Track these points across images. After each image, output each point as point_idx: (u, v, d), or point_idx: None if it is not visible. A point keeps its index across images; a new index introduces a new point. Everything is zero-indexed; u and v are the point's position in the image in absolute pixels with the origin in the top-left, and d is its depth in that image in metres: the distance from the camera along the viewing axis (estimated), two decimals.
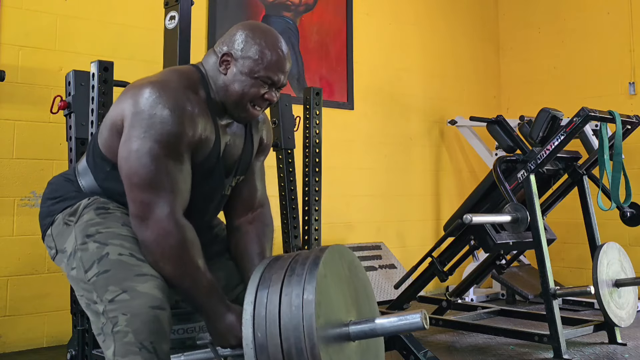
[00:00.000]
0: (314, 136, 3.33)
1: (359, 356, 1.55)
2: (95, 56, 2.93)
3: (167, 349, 1.52)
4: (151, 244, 1.57)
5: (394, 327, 1.49)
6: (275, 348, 1.39)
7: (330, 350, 1.42)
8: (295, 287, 1.41)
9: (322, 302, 1.41)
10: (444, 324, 3.54)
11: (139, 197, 1.58)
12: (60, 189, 1.76)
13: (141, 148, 1.57)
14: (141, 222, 1.58)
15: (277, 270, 1.48)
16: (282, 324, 1.39)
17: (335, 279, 1.52)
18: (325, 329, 1.41)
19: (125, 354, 1.47)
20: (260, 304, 1.43)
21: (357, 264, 1.65)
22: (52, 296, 3.36)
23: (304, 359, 1.37)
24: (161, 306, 1.51)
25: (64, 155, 3.04)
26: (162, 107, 1.58)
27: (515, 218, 3.17)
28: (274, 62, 1.69)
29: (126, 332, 1.47)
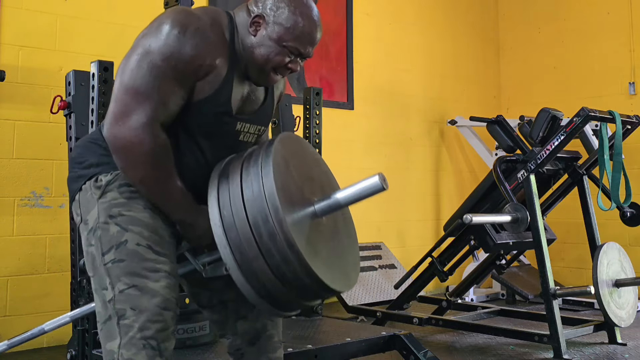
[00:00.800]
0: (314, 136, 3.33)
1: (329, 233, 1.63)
2: (95, 56, 2.93)
3: (171, 348, 1.52)
4: (120, 150, 1.53)
5: (355, 194, 1.58)
6: (241, 221, 1.46)
7: (298, 224, 1.48)
8: (253, 166, 1.49)
9: (281, 182, 1.47)
10: (444, 324, 3.54)
11: (122, 98, 1.54)
12: (86, 153, 1.69)
13: (144, 55, 1.54)
14: (115, 123, 1.53)
15: (236, 160, 1.57)
16: (245, 198, 1.47)
17: (294, 164, 1.58)
18: (289, 206, 1.47)
19: (129, 349, 1.47)
20: (222, 188, 1.51)
21: (316, 157, 1.74)
22: (52, 296, 3.36)
23: (270, 224, 1.43)
24: (169, 307, 1.51)
25: (64, 155, 3.05)
26: (179, 30, 1.55)
27: (515, 218, 3.17)
28: (305, 33, 1.66)
29: (132, 327, 1.47)
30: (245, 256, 1.46)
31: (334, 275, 1.55)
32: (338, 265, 1.62)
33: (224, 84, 1.63)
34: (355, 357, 2.69)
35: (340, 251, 1.67)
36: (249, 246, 1.45)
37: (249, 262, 1.46)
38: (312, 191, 1.61)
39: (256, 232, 1.44)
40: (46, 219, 3.41)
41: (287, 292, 1.50)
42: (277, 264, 1.45)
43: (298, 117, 3.37)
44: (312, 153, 1.75)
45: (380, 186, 1.54)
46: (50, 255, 3.41)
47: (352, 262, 1.71)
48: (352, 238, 1.78)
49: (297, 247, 1.42)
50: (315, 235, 1.55)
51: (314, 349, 2.53)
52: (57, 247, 3.40)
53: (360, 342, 2.68)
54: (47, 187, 3.43)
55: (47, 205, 3.42)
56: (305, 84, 4.53)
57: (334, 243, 1.65)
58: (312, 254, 1.48)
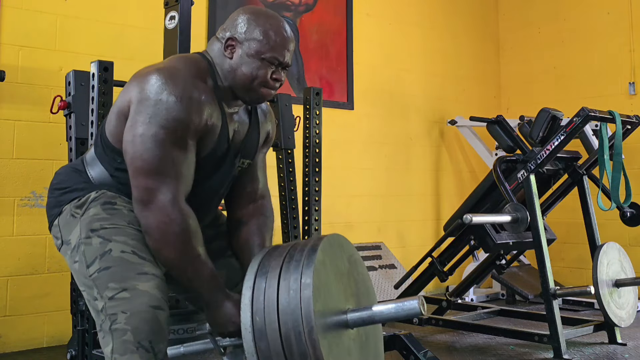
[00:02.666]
0: (314, 136, 3.33)
1: (358, 345, 1.55)
2: (95, 56, 2.93)
3: (164, 349, 1.53)
4: (153, 231, 1.57)
5: (392, 314, 1.50)
6: (273, 333, 1.39)
7: (329, 336, 1.42)
8: (294, 272, 1.42)
9: (319, 287, 1.41)
10: (444, 324, 3.54)
11: (142, 183, 1.58)
12: (68, 180, 1.75)
13: (146, 133, 1.57)
14: (144, 207, 1.58)
15: (275, 257, 1.49)
16: (280, 308, 1.40)
17: (334, 267, 1.52)
18: (323, 314, 1.42)
19: (123, 352, 1.47)
20: (258, 289, 1.44)
21: (356, 257, 1.66)
22: (52, 296, 3.36)
23: (302, 343, 1.37)
24: (161, 306, 1.51)
25: (64, 155, 3.05)
26: (168, 94, 1.58)
27: (515, 218, 3.17)
28: (280, 42, 1.70)
29: (125, 331, 1.47)
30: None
31: None
32: None
33: (222, 131, 1.70)
34: None
35: None
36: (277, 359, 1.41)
37: None
38: (346, 298, 1.54)
39: (287, 347, 1.40)
40: (46, 219, 3.41)
41: None
42: None
43: (298, 117, 3.37)
44: (353, 255, 1.67)
45: (419, 311, 1.48)
46: (50, 255, 3.41)
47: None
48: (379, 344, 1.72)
49: None
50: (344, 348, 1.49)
51: None
52: None
53: None
54: (47, 187, 3.40)
55: None
56: (305, 84, 4.53)
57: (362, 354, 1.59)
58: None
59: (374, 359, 1.66)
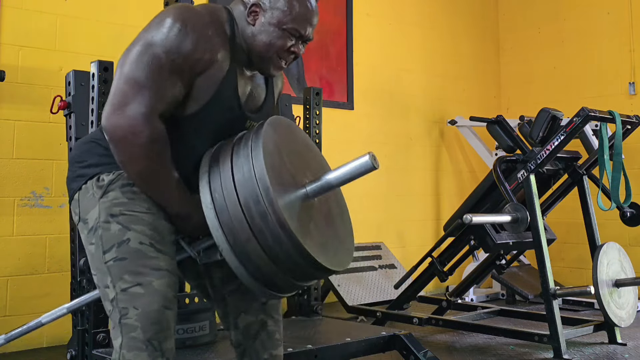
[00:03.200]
0: (314, 136, 3.33)
1: (322, 215, 1.63)
2: (95, 56, 2.93)
3: (172, 348, 1.53)
4: (120, 139, 1.54)
5: (345, 174, 1.57)
6: (232, 204, 1.47)
7: (288, 202, 1.49)
8: (244, 153, 1.50)
9: (272, 164, 1.48)
10: (444, 324, 3.54)
11: (123, 88, 1.55)
12: (87, 153, 1.70)
13: (146, 48, 1.56)
14: (113, 112, 1.54)
15: (225, 146, 1.57)
16: (236, 182, 1.48)
17: (282, 148, 1.58)
18: (279, 185, 1.48)
19: (130, 349, 1.47)
20: (213, 172, 1.52)
21: (303, 136, 1.73)
22: (52, 296, 3.36)
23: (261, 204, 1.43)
24: (171, 306, 1.51)
25: (64, 155, 3.05)
26: (180, 25, 1.57)
27: (515, 218, 3.17)
28: (303, 14, 1.69)
29: (135, 327, 1.47)
30: (237, 238, 1.47)
31: (327, 256, 1.55)
32: (331, 246, 1.63)
33: (228, 77, 1.66)
34: (355, 357, 2.69)
35: (333, 233, 1.68)
36: (241, 228, 1.46)
37: (241, 244, 1.47)
38: (304, 174, 1.61)
39: (248, 213, 1.45)
40: (46, 219, 3.41)
41: (280, 273, 1.51)
42: (270, 244, 1.45)
43: (298, 117, 3.37)
44: (303, 137, 1.76)
45: (371, 165, 1.53)
46: (50, 255, 3.41)
47: (345, 244, 1.72)
48: (347, 226, 1.78)
49: (288, 226, 1.43)
50: (307, 217, 1.56)
51: (314, 349, 2.53)
52: (57, 247, 3.40)
53: (360, 342, 2.68)
54: (47, 187, 3.43)
55: (47, 205, 3.42)
56: (305, 84, 4.53)
57: (327, 227, 1.65)
58: (304, 234, 1.49)
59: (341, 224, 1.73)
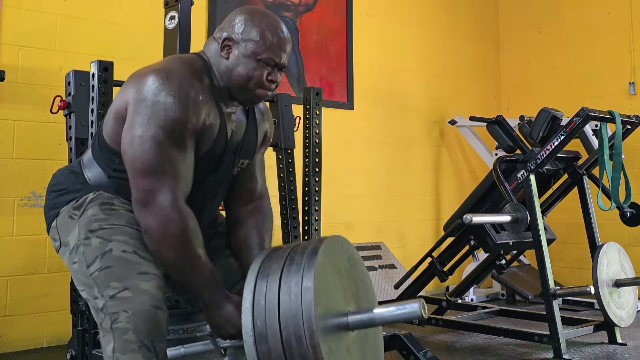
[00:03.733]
0: (314, 136, 3.33)
1: (358, 347, 1.55)
2: (95, 56, 2.93)
3: (165, 348, 1.53)
4: (153, 231, 1.56)
5: (392, 316, 1.50)
6: (274, 336, 1.40)
7: (329, 339, 1.42)
8: (294, 276, 1.42)
9: (320, 290, 1.41)
10: (444, 324, 3.54)
11: (141, 184, 1.58)
12: (65, 182, 1.75)
13: (145, 134, 1.57)
14: (143, 208, 1.57)
15: (276, 260, 1.49)
16: (281, 312, 1.40)
17: (334, 269, 1.52)
18: (324, 317, 1.42)
19: (125, 351, 1.47)
20: (259, 292, 1.44)
21: (356, 257, 1.65)
22: (52, 296, 3.36)
23: (303, 346, 1.37)
24: (161, 306, 1.51)
25: (64, 155, 3.05)
26: (165, 94, 1.58)
27: (515, 218, 3.17)
28: (276, 43, 1.70)
29: (126, 330, 1.47)
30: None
31: None
32: None
33: (220, 131, 1.70)
34: None
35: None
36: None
37: None
38: (346, 300, 1.54)
39: (288, 350, 1.40)
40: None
41: None
42: None
43: (298, 117, 3.37)
44: (352, 255, 1.67)
45: (420, 314, 1.48)
46: (50, 255, 3.41)
47: None
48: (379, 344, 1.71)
49: None
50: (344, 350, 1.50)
51: None
52: None
53: None
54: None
55: None
56: (305, 84, 4.53)
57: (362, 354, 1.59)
58: None
59: (373, 359, 1.66)
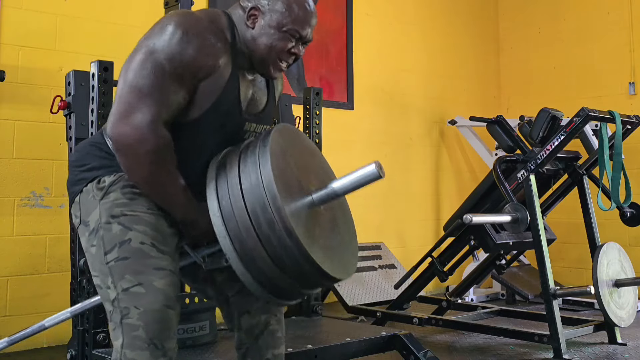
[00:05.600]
0: (314, 136, 3.33)
1: (328, 221, 1.64)
2: (95, 56, 2.93)
3: (174, 347, 1.53)
4: (125, 147, 1.55)
5: (351, 182, 1.58)
6: (240, 211, 1.47)
7: (295, 210, 1.50)
8: (251, 160, 1.50)
9: (278, 172, 1.48)
10: (444, 324, 3.54)
11: (127, 97, 1.56)
12: (87, 157, 1.71)
13: (148, 56, 1.58)
14: (119, 120, 1.55)
15: (232, 153, 1.58)
16: (243, 189, 1.48)
17: (288, 155, 1.59)
18: (287, 194, 1.49)
19: (133, 348, 1.47)
20: (220, 178, 1.53)
21: (309, 144, 1.75)
22: (52, 296, 3.36)
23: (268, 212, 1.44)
24: (173, 305, 1.51)
25: (64, 155, 3.05)
26: (182, 32, 1.59)
27: (515, 218, 3.17)
28: (302, 15, 1.70)
29: (137, 326, 1.47)
30: (244, 245, 1.48)
31: (332, 263, 1.56)
32: (336, 254, 1.64)
33: (230, 83, 1.67)
34: (355, 357, 2.69)
35: (338, 242, 1.69)
36: (248, 235, 1.47)
37: (248, 251, 1.48)
38: (309, 181, 1.63)
39: (255, 221, 1.46)
40: (46, 219, 3.41)
41: (286, 280, 1.51)
42: (276, 251, 1.46)
43: (298, 117, 3.37)
44: (309, 144, 1.78)
45: (377, 174, 1.55)
46: (50, 255, 3.41)
47: (350, 253, 1.73)
48: (351, 231, 1.79)
49: (295, 234, 1.44)
50: (313, 225, 1.57)
51: (314, 349, 2.53)
52: (57, 247, 3.40)
53: (360, 342, 2.68)
54: (47, 187, 3.43)
55: (47, 205, 3.42)
56: (305, 84, 4.53)
57: (333, 234, 1.66)
58: (310, 241, 1.50)
59: (346, 231, 1.74)
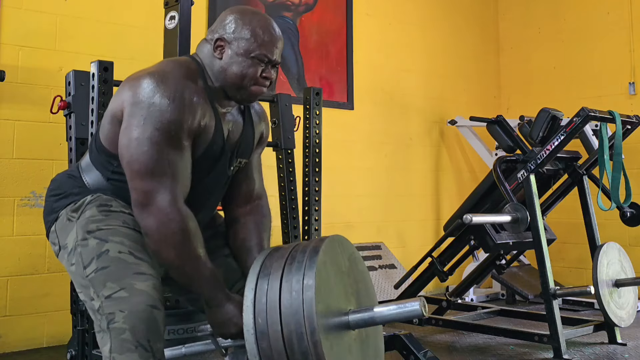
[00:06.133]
0: (314, 136, 3.33)
1: (359, 346, 1.56)
2: (95, 56, 2.93)
3: (162, 348, 1.53)
4: (153, 232, 1.57)
5: (393, 315, 1.51)
6: (275, 334, 1.41)
7: (331, 337, 1.43)
8: (296, 274, 1.43)
9: (321, 288, 1.42)
10: (444, 324, 3.54)
11: (140, 185, 1.59)
12: (63, 186, 1.77)
13: (141, 135, 1.58)
14: (142, 209, 1.58)
15: (277, 259, 1.50)
16: (282, 309, 1.41)
17: (335, 268, 1.53)
18: (325, 315, 1.43)
19: (122, 351, 1.47)
20: (260, 290, 1.45)
21: (356, 255, 1.67)
22: (52, 296, 3.36)
23: (304, 344, 1.38)
24: (157, 306, 1.52)
25: (64, 155, 3.05)
26: (160, 96, 1.59)
27: (515, 218, 3.17)
28: (268, 39, 1.72)
29: (123, 329, 1.47)
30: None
31: None
32: None
33: (216, 131, 1.71)
34: None
35: None
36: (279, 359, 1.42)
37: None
38: (347, 298, 1.56)
39: (289, 347, 1.41)
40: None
41: None
42: None
43: (298, 117, 3.37)
44: (353, 253, 1.69)
45: (420, 313, 1.49)
46: (50, 255, 3.41)
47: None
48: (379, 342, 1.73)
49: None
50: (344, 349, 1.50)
51: None
52: None
53: None
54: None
55: None
56: (305, 84, 4.53)
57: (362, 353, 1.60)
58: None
59: (374, 357, 1.67)
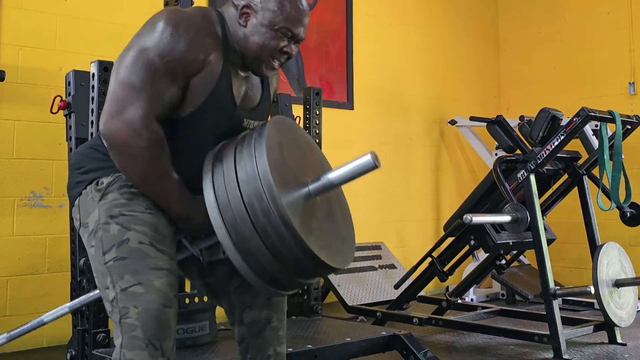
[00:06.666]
0: (314, 136, 3.33)
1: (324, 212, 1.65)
2: (95, 56, 2.93)
3: (172, 347, 1.53)
4: (119, 144, 1.55)
5: (348, 173, 1.59)
6: (236, 201, 1.48)
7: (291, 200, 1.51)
8: (247, 152, 1.51)
9: (274, 163, 1.49)
10: (444, 324, 3.54)
11: (119, 93, 1.56)
12: (85, 159, 1.72)
13: (140, 53, 1.58)
14: (111, 117, 1.55)
15: (228, 146, 1.59)
16: (239, 180, 1.49)
17: (284, 147, 1.60)
18: (283, 185, 1.49)
19: (132, 348, 1.47)
20: (217, 170, 1.54)
21: (304, 135, 1.76)
22: (52, 296, 3.36)
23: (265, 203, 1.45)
24: (171, 304, 1.51)
25: (64, 155, 3.05)
26: (172, 28, 1.59)
27: (515, 218, 3.17)
28: (294, 14, 1.70)
29: (135, 326, 1.47)
30: (241, 236, 1.48)
31: (328, 252, 1.57)
32: (333, 244, 1.65)
33: (222, 78, 1.67)
34: (355, 357, 2.69)
35: (335, 231, 1.69)
36: (244, 225, 1.48)
37: (245, 242, 1.48)
38: (306, 173, 1.63)
39: (251, 211, 1.47)
40: (46, 219, 3.41)
41: (283, 270, 1.52)
42: (273, 241, 1.47)
43: (298, 117, 3.37)
44: (305, 136, 1.78)
45: (373, 164, 1.55)
46: (50, 255, 3.41)
47: (347, 242, 1.73)
48: (348, 224, 1.80)
49: (291, 223, 1.45)
50: (309, 215, 1.58)
51: (314, 349, 2.53)
52: (57, 247, 3.40)
53: (360, 342, 2.68)
54: (47, 187, 3.43)
55: (47, 205, 3.42)
56: (305, 84, 4.53)
57: (329, 224, 1.67)
58: (306, 231, 1.50)
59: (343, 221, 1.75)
